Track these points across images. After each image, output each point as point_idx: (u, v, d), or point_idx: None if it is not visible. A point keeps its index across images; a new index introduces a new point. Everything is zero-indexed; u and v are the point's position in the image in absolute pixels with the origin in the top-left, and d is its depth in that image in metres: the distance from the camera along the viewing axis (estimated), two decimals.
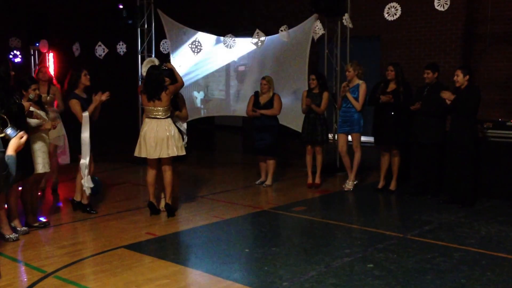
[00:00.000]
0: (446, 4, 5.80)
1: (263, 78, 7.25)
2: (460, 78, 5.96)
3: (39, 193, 5.85)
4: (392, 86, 6.66)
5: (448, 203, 6.14)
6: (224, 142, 11.70)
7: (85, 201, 5.85)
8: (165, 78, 5.60)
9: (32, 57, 9.46)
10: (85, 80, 5.67)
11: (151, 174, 5.80)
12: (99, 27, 10.14)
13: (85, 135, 5.55)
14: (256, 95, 7.33)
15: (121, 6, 9.03)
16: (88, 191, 5.72)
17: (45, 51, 9.21)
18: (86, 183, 5.64)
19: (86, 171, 5.60)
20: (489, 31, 7.92)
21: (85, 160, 5.58)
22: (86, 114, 5.53)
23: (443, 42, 8.53)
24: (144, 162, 9.53)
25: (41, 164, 5.13)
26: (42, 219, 5.49)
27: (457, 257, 4.42)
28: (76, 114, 5.56)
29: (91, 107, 5.56)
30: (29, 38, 9.29)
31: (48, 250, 4.69)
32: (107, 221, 5.62)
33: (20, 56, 9.33)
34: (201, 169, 8.82)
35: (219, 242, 5.03)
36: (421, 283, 3.89)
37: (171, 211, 5.74)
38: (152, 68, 5.70)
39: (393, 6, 6.22)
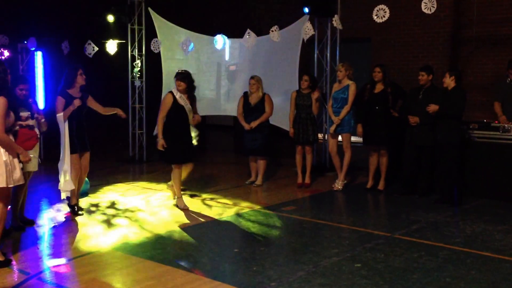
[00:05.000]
0: (433, 7, 5.88)
1: (252, 78, 7.27)
2: (446, 79, 6.11)
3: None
4: (379, 87, 6.73)
5: (438, 203, 6.23)
6: (214, 142, 11.71)
7: (73, 201, 5.83)
8: None
9: (20, 55, 9.39)
10: (80, 79, 5.68)
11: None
12: (89, 25, 10.11)
13: (61, 137, 5.59)
14: (245, 95, 7.35)
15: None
16: (63, 195, 5.68)
17: (33, 49, 9.16)
18: (62, 186, 5.63)
19: (63, 175, 5.59)
20: (475, 35, 8.05)
21: (62, 163, 5.59)
22: (60, 115, 5.55)
23: (431, 45, 8.64)
24: (133, 162, 9.55)
25: (32, 164, 5.13)
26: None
27: (443, 256, 4.49)
28: (56, 111, 5.59)
29: (67, 111, 5.54)
30: (17, 36, 9.23)
31: (33, 252, 4.64)
32: (95, 222, 5.61)
33: (7, 53, 9.25)
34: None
35: (208, 242, 5.06)
36: (408, 282, 3.94)
37: None
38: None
39: (382, 9, 6.28)
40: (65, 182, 5.60)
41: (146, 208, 6.21)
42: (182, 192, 6.26)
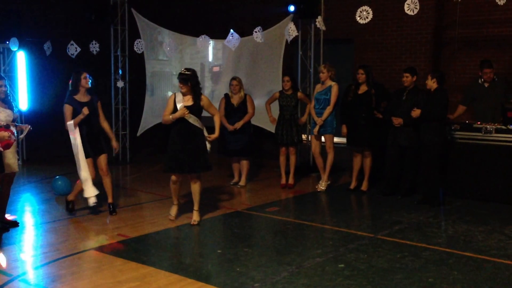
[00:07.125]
0: (416, 8, 5.92)
1: (234, 79, 7.27)
2: (428, 81, 6.18)
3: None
4: (363, 88, 6.77)
5: (420, 203, 6.28)
6: None
7: (71, 197, 5.84)
8: None
9: (1, 55, 9.24)
10: (84, 83, 5.60)
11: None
12: (72, 25, 9.99)
13: (73, 144, 5.49)
14: (226, 97, 7.34)
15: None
16: (90, 203, 5.65)
17: (15, 49, 9.01)
18: (86, 193, 5.60)
19: (84, 182, 5.56)
20: (458, 36, 8.15)
21: (80, 171, 5.52)
22: (70, 123, 5.48)
23: (414, 46, 8.72)
24: (116, 162, 9.43)
25: (13, 165, 5.08)
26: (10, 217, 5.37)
27: (425, 257, 4.52)
28: (65, 119, 5.51)
29: (76, 119, 5.46)
30: None
31: (15, 253, 4.59)
32: (78, 223, 5.56)
33: None
34: None
35: (191, 243, 5.03)
36: (390, 283, 3.96)
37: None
38: None
39: (365, 10, 6.30)
40: (88, 189, 5.57)
41: (130, 209, 6.14)
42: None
